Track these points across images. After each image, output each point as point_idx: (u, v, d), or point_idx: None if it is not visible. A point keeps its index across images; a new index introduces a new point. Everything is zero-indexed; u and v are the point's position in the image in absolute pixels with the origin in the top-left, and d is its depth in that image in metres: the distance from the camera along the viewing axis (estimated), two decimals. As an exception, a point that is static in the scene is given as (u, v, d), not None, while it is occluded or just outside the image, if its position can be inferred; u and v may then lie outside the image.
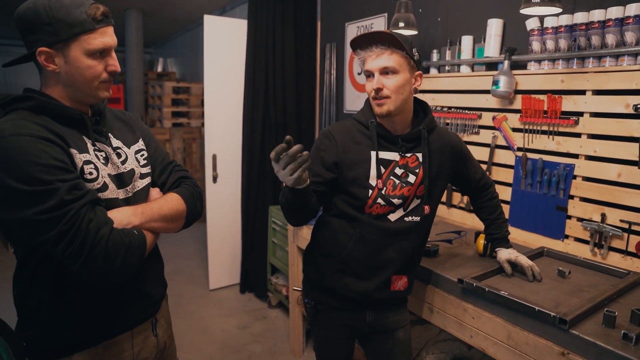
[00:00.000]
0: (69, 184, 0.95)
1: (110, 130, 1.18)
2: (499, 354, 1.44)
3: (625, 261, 1.73)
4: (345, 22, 3.39)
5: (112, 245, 0.96)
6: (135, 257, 1.02)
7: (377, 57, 1.37)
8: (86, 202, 0.97)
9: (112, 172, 1.12)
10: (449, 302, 1.61)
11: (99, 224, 0.96)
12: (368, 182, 1.43)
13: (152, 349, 1.24)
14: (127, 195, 1.14)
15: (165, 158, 1.31)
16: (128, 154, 1.19)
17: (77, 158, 1.03)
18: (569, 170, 1.91)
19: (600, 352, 1.17)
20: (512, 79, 2.06)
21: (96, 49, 1.03)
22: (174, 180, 1.27)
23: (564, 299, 1.42)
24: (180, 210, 1.19)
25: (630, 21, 1.70)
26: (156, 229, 1.13)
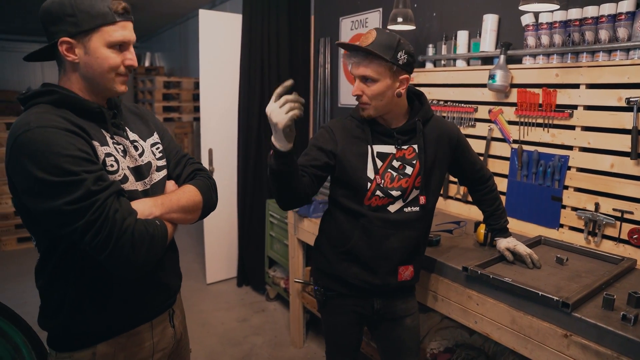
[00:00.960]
0: (94, 175, 0.97)
1: (127, 124, 1.20)
2: (503, 338, 1.51)
3: (618, 248, 1.81)
4: (340, 16, 3.42)
5: (137, 235, 0.99)
6: (158, 247, 1.05)
7: (354, 67, 1.42)
8: (112, 192, 0.99)
9: (131, 165, 1.14)
10: (454, 289, 1.67)
11: (124, 214, 0.99)
12: (366, 176, 1.47)
13: (170, 339, 1.27)
14: (146, 187, 1.17)
15: (179, 151, 1.34)
16: (144, 147, 1.21)
17: (99, 150, 1.06)
18: (563, 161, 1.98)
19: (601, 332, 1.24)
20: (508, 73, 2.12)
21: (116, 41, 1.06)
22: (188, 172, 1.30)
23: (564, 284, 1.49)
24: (197, 201, 1.21)
25: (622, 17, 1.77)
26: (175, 219, 1.16)
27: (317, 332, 3.03)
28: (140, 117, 1.28)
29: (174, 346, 1.29)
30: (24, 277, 3.93)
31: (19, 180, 0.97)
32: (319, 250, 1.64)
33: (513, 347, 1.48)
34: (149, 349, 1.20)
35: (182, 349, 1.37)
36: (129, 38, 1.09)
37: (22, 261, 4.32)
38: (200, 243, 4.35)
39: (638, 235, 1.74)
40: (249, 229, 3.67)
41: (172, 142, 1.34)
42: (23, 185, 0.97)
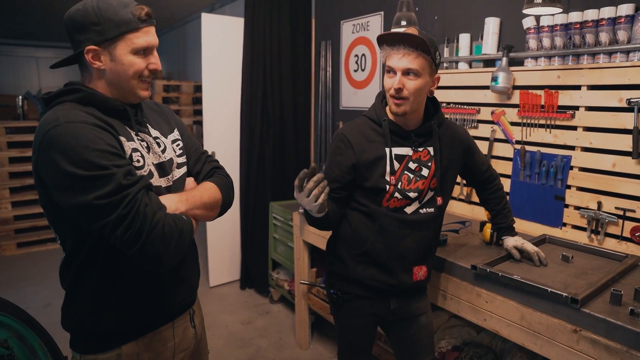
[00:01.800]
0: (124, 169, 0.99)
1: (148, 121, 1.22)
2: (512, 335, 1.54)
3: (621, 246, 1.85)
4: (341, 20, 3.45)
5: (167, 229, 1.00)
6: (186, 241, 1.07)
7: (403, 57, 1.40)
8: (141, 187, 1.00)
9: (155, 161, 1.16)
10: (463, 288, 1.70)
11: (154, 208, 1.00)
12: (384, 179, 1.49)
13: (191, 339, 1.28)
14: (169, 183, 1.18)
15: (198, 148, 1.35)
16: (166, 144, 1.23)
17: (126, 145, 1.07)
18: (566, 161, 2.02)
19: (610, 327, 1.27)
20: (511, 75, 2.16)
21: (140, 47, 1.08)
22: (208, 169, 1.32)
23: (571, 281, 1.52)
24: (217, 199, 1.23)
25: (622, 20, 1.82)
26: (198, 216, 1.18)
27: (323, 334, 3.05)
28: (160, 114, 1.30)
29: (195, 346, 1.31)
30: (25, 282, 3.93)
31: (49, 176, 0.97)
32: (334, 254, 1.66)
33: (522, 344, 1.51)
34: (171, 349, 1.22)
35: (202, 350, 1.39)
36: (153, 43, 1.11)
37: (22, 266, 4.31)
38: (203, 246, 4.36)
39: (640, 233, 1.78)
40: (252, 231, 3.69)
41: (191, 139, 1.35)
42: (53, 180, 0.97)
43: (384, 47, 1.44)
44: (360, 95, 3.37)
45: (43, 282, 3.92)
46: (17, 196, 4.67)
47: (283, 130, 3.73)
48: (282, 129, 3.73)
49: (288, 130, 3.75)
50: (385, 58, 1.46)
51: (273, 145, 3.67)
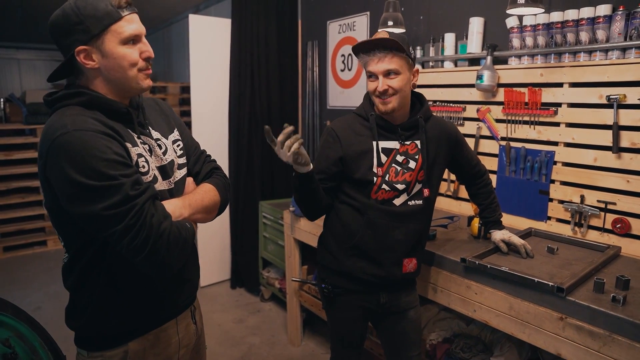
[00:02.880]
0: (132, 179, 0.99)
1: (150, 122, 1.21)
2: (502, 324, 1.59)
3: (603, 237, 1.92)
4: (327, 20, 3.49)
5: (172, 239, 1.01)
6: (189, 248, 1.09)
7: (380, 61, 1.48)
8: (148, 197, 1.01)
9: (157, 164, 1.16)
10: (453, 280, 1.75)
11: (160, 218, 1.01)
12: (372, 171, 1.55)
13: (192, 335, 1.31)
14: (170, 186, 1.19)
15: (197, 147, 1.35)
16: (167, 145, 1.22)
17: (132, 152, 1.07)
18: (549, 156, 2.08)
19: (593, 313, 1.33)
20: (495, 74, 2.22)
21: (128, 36, 1.05)
22: (207, 170, 1.32)
23: (557, 271, 1.58)
24: (217, 201, 1.24)
25: (600, 20, 1.88)
26: (199, 219, 1.19)
27: (314, 331, 3.08)
28: (161, 113, 1.28)
29: (195, 342, 1.33)
30: (13, 285, 3.88)
31: (57, 183, 0.98)
32: (325, 248, 1.70)
33: (512, 333, 1.56)
34: (175, 345, 1.23)
35: (201, 345, 1.41)
36: (140, 30, 1.08)
37: (9, 270, 4.25)
38: (191, 247, 4.36)
39: (621, 225, 1.85)
40: (241, 231, 3.70)
41: (190, 138, 1.34)
42: (62, 188, 0.97)
43: (361, 55, 1.53)
44: (347, 94, 3.41)
45: (31, 286, 3.88)
46: (3, 200, 4.62)
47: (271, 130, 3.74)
48: (270, 129, 3.74)
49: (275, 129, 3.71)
50: (364, 65, 1.54)
51: (262, 145, 3.69)
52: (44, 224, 4.81)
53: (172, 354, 1.23)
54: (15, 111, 5.32)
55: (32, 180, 4.72)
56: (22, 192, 4.76)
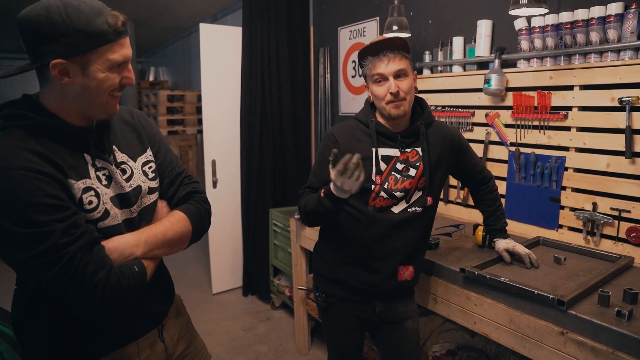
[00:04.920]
0: (64, 224, 0.90)
1: (117, 142, 1.10)
2: (502, 338, 1.52)
3: (617, 247, 1.82)
4: (338, 26, 3.47)
5: (109, 290, 0.93)
6: (134, 295, 1.00)
7: (390, 62, 1.44)
8: (82, 244, 0.91)
9: (114, 193, 1.05)
10: (452, 291, 1.69)
11: (96, 268, 0.92)
12: (370, 179, 1.51)
13: (160, 353, 1.21)
14: (132, 215, 1.09)
15: (174, 167, 1.23)
16: (134, 169, 1.12)
17: (76, 188, 0.97)
18: (560, 162, 2.00)
19: (596, 329, 1.25)
20: (503, 77, 2.15)
21: (117, 62, 0.97)
22: (182, 194, 1.20)
23: (561, 283, 1.50)
24: (186, 232, 1.13)
25: (611, 19, 1.80)
26: (159, 255, 1.10)
27: (322, 339, 3.04)
28: (134, 130, 1.17)
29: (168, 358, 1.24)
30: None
31: None
32: (319, 256, 1.67)
33: (512, 347, 1.49)
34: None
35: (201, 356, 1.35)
36: (128, 56, 1.00)
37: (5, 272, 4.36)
38: (206, 254, 4.39)
39: (636, 234, 1.75)
40: (253, 238, 3.70)
41: (167, 156, 1.22)
42: None
43: (368, 59, 1.49)
44: (358, 100, 3.37)
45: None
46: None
47: (283, 137, 3.74)
48: (281, 136, 3.74)
49: (288, 137, 3.76)
50: (370, 69, 1.49)
51: (273, 152, 3.69)
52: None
53: None
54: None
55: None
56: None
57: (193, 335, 1.37)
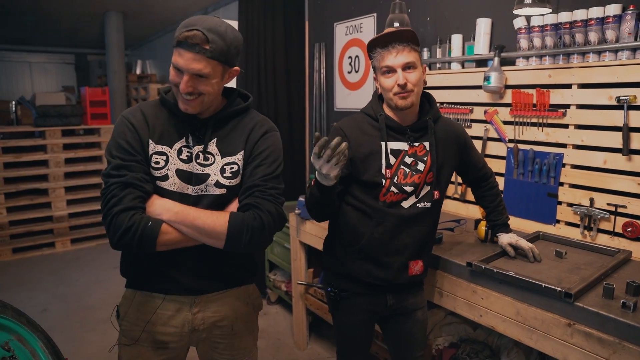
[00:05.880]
0: (120, 162, 1.24)
1: (219, 138, 1.33)
2: (508, 330, 1.56)
3: (613, 241, 1.88)
4: (334, 22, 3.48)
5: (115, 221, 1.19)
6: (134, 240, 1.20)
7: (399, 54, 1.45)
8: (120, 182, 1.22)
9: (185, 169, 1.30)
10: (458, 285, 1.73)
11: (116, 202, 1.20)
12: (381, 172, 1.52)
13: (184, 322, 1.38)
14: (195, 193, 1.30)
15: (257, 180, 1.30)
16: (216, 162, 1.32)
17: (151, 147, 1.29)
18: (558, 159, 2.05)
19: (603, 320, 1.30)
20: (503, 75, 2.19)
21: (174, 64, 1.22)
22: (243, 204, 1.29)
23: (565, 276, 1.55)
24: (218, 230, 1.23)
25: (610, 20, 1.85)
26: (187, 233, 1.24)
27: (320, 334, 3.06)
28: (246, 138, 1.34)
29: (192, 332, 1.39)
30: (20, 287, 3.91)
31: None
32: (330, 251, 1.68)
33: (518, 338, 1.53)
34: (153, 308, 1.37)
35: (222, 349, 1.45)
36: (181, 65, 1.20)
37: (17, 272, 4.28)
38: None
39: (632, 228, 1.81)
40: (248, 233, 3.69)
41: (259, 168, 1.32)
42: None
43: (377, 51, 1.49)
44: (354, 96, 3.39)
45: (38, 287, 3.91)
46: (12, 201, 4.65)
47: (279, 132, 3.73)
48: (277, 132, 3.74)
49: (283, 132, 3.74)
50: (378, 61, 1.50)
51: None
52: (53, 225, 4.85)
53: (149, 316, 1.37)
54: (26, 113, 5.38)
55: (41, 182, 4.76)
56: (31, 194, 4.79)
57: (239, 333, 1.45)
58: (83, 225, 5.03)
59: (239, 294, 1.44)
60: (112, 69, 5.98)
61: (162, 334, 1.37)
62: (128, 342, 1.38)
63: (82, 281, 4.03)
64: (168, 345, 1.39)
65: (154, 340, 1.38)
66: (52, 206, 4.82)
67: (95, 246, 4.98)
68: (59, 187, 4.83)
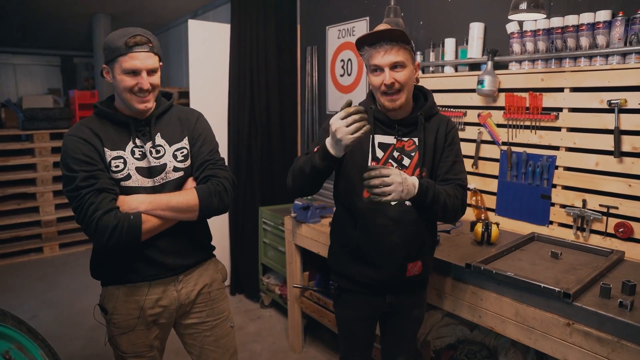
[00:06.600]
0: (86, 174, 1.35)
1: (161, 130, 1.52)
2: (507, 330, 1.58)
3: (605, 241, 1.92)
4: (326, 25, 3.49)
5: (101, 224, 1.33)
6: (122, 235, 1.35)
7: (387, 53, 1.42)
8: (93, 190, 1.35)
9: (144, 165, 1.47)
10: (458, 286, 1.75)
11: (96, 207, 1.33)
12: (367, 164, 1.51)
13: (172, 300, 1.57)
14: (155, 184, 1.48)
15: (204, 157, 1.54)
16: (167, 151, 1.51)
17: (107, 154, 1.43)
18: (551, 161, 2.09)
19: (601, 319, 1.33)
20: (496, 79, 2.23)
21: (126, 69, 1.38)
22: (202, 176, 1.52)
23: (562, 276, 1.58)
24: (191, 204, 1.46)
25: (600, 26, 1.89)
26: (165, 216, 1.44)
27: (315, 337, 3.07)
28: (181, 125, 1.56)
29: (179, 306, 1.58)
30: (8, 293, 3.84)
31: None
32: (331, 250, 1.70)
33: (517, 339, 1.56)
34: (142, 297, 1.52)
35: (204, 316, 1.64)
36: (138, 66, 1.38)
37: (4, 278, 4.20)
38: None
39: (623, 229, 1.85)
40: (241, 237, 3.68)
41: (202, 147, 1.56)
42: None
43: (365, 49, 1.47)
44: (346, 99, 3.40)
45: (27, 293, 3.84)
46: (-2, 206, 4.58)
47: (270, 135, 3.74)
48: (269, 135, 3.74)
49: (275, 135, 3.76)
50: (368, 59, 1.48)
51: (261, 150, 3.68)
52: (40, 230, 4.77)
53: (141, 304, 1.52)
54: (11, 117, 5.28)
55: (29, 187, 4.69)
56: (18, 198, 4.71)
57: (216, 299, 1.67)
58: (72, 229, 4.96)
59: (209, 265, 1.67)
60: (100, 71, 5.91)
61: (152, 315, 1.55)
62: (124, 331, 1.52)
63: (72, 286, 3.98)
64: (159, 321, 1.57)
65: (146, 322, 1.55)
66: (40, 210, 4.75)
67: (84, 251, 4.91)
68: (47, 191, 4.76)
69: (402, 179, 1.32)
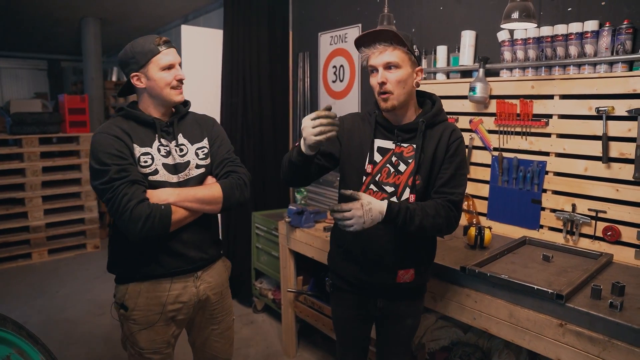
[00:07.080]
0: (118, 167, 1.44)
1: (183, 131, 1.64)
2: (502, 332, 1.62)
3: (594, 245, 1.97)
4: (318, 32, 3.53)
5: (134, 214, 1.40)
6: (155, 224, 1.43)
7: (381, 54, 1.46)
8: (126, 181, 1.43)
9: (170, 162, 1.58)
10: (452, 289, 1.78)
11: (130, 198, 1.41)
12: (363, 167, 1.55)
13: (191, 296, 1.65)
14: (180, 180, 1.59)
15: (223, 155, 1.68)
16: (189, 149, 1.64)
17: (137, 150, 1.53)
18: (541, 166, 2.14)
19: (592, 319, 1.37)
20: (487, 86, 2.28)
21: (164, 65, 1.53)
22: (223, 173, 1.65)
23: (554, 279, 1.62)
24: (216, 196, 1.57)
25: (588, 35, 1.96)
26: (192, 208, 1.54)
27: (309, 342, 3.08)
28: (200, 125, 1.70)
29: (197, 302, 1.67)
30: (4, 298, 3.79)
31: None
32: (330, 247, 1.74)
33: (512, 340, 1.59)
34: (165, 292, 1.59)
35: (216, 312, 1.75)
36: (172, 61, 1.55)
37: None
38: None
39: (611, 232, 1.90)
40: (233, 242, 3.68)
41: (221, 147, 1.70)
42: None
43: (362, 50, 1.52)
44: (338, 105, 3.44)
45: (16, 300, 3.79)
46: (-15, 212, 4.51)
47: (262, 140, 3.75)
48: (261, 140, 3.75)
49: (267, 140, 3.78)
50: (366, 61, 1.52)
51: (253, 156, 3.69)
52: (29, 236, 4.71)
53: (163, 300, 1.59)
54: None
55: (17, 192, 4.63)
56: (7, 203, 4.65)
57: (225, 295, 1.79)
58: (61, 235, 4.91)
59: (220, 263, 1.77)
60: (90, 76, 5.87)
61: (172, 311, 1.62)
62: (144, 327, 1.59)
63: (62, 293, 3.93)
64: (177, 317, 1.64)
65: (166, 318, 1.62)
66: (28, 216, 4.69)
67: (74, 257, 4.86)
68: (35, 197, 4.70)
69: (363, 211, 1.35)
